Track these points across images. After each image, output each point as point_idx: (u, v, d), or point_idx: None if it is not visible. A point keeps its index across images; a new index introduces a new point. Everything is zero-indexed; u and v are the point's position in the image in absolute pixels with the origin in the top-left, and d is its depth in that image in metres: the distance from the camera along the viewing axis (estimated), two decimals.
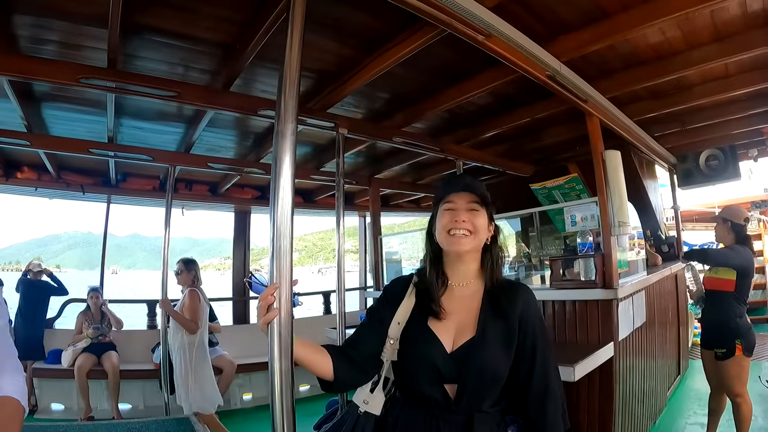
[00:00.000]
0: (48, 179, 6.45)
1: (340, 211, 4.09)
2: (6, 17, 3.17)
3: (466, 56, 3.60)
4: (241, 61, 3.49)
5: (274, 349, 1.53)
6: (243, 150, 5.84)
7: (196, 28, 3.29)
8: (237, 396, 6.57)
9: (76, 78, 3.44)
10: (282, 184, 1.57)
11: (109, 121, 4.60)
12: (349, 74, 3.80)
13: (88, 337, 6.12)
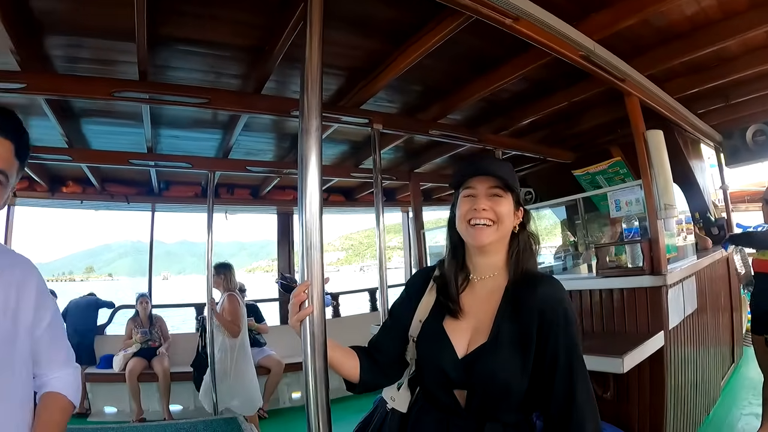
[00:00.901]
0: (92, 192, 6.67)
1: (379, 208, 4.09)
2: (38, 39, 3.28)
3: (496, 42, 3.52)
4: (270, 64, 3.50)
5: (307, 348, 1.53)
6: (281, 152, 5.88)
7: (221, 34, 3.34)
8: (285, 395, 6.65)
9: (109, 92, 3.54)
10: (309, 182, 1.54)
11: (146, 132, 4.70)
12: (379, 69, 3.75)
13: (137, 342, 6.28)
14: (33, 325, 1.43)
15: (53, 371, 1.53)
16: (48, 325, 1.49)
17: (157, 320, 6.77)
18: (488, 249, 1.60)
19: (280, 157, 5.99)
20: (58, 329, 1.58)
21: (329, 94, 4.20)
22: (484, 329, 1.53)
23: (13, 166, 1.31)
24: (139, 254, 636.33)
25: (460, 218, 1.61)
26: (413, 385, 1.71)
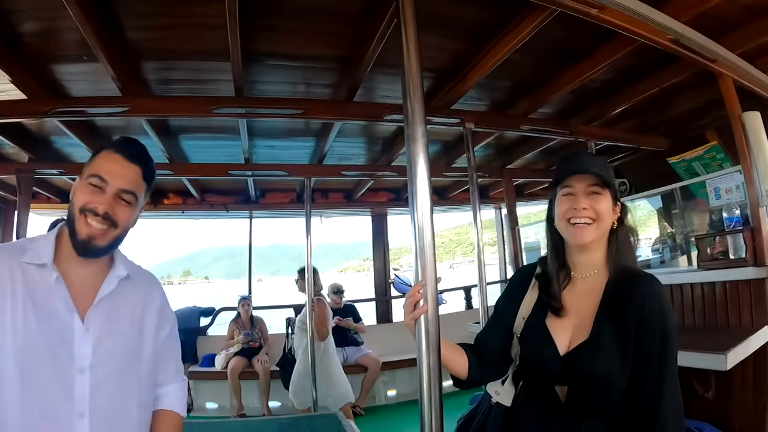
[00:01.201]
0: (192, 202, 7.17)
1: (475, 205, 4.10)
2: (135, 65, 3.60)
3: (582, 33, 3.45)
4: (361, 71, 3.59)
5: (422, 346, 1.57)
6: (373, 155, 6.00)
7: (311, 47, 3.50)
8: (382, 392, 6.78)
9: (209, 109, 3.80)
10: (419, 185, 1.62)
11: (243, 144, 4.96)
12: (468, 68, 3.77)
13: (239, 342, 6.59)
14: (155, 334, 1.60)
15: (165, 384, 1.68)
16: (166, 337, 1.67)
17: (258, 321, 7.09)
18: (588, 247, 1.62)
19: (371, 160, 6.11)
20: (174, 341, 1.74)
21: None
22: (585, 327, 1.55)
23: (142, 188, 1.51)
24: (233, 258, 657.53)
25: (559, 217, 1.63)
26: (517, 380, 1.73)
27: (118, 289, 1.50)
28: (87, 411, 1.35)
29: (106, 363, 1.41)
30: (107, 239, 1.44)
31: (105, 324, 1.44)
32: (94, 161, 1.50)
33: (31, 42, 3.36)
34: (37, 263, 1.40)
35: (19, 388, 1.30)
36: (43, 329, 1.34)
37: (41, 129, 5.03)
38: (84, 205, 1.41)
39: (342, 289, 7.01)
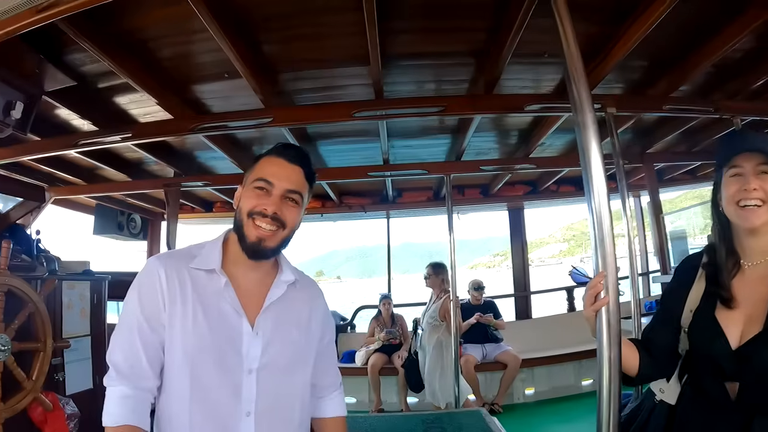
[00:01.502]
0: (331, 205, 7.48)
1: (624, 193, 3.94)
2: (275, 77, 3.79)
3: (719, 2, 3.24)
4: (499, 64, 3.54)
5: (602, 338, 1.53)
6: (507, 148, 5.88)
7: (446, 44, 3.49)
8: (520, 390, 6.62)
9: (350, 114, 3.92)
10: (594, 173, 1.57)
11: (383, 145, 5.07)
12: (606, 50, 3.59)
13: (380, 340, 6.71)
14: (319, 340, 1.66)
15: (328, 390, 1.77)
16: (328, 342, 1.74)
17: (399, 319, 7.16)
18: (760, 230, 1.48)
19: (506, 153, 5.99)
20: (333, 347, 1.82)
21: (555, 85, 4.15)
22: (758, 318, 1.42)
23: (305, 188, 1.56)
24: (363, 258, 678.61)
25: (727, 200, 1.51)
26: (682, 376, 1.66)
27: (285, 294, 1.57)
28: (253, 410, 1.42)
29: (273, 365, 1.48)
30: (276, 240, 1.49)
31: (273, 328, 1.51)
32: (257, 167, 1.55)
33: (172, 66, 3.66)
34: (205, 269, 1.48)
35: (188, 388, 1.38)
36: (213, 333, 1.42)
37: (184, 145, 5.45)
38: (252, 209, 1.47)
39: (482, 286, 6.97)
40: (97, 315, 3.99)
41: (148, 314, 1.42)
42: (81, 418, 3.32)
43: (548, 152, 5.98)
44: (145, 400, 1.39)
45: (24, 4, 2.41)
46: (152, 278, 1.44)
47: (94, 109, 4.32)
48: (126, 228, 7.78)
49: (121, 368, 1.39)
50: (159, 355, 1.42)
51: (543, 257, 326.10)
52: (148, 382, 1.40)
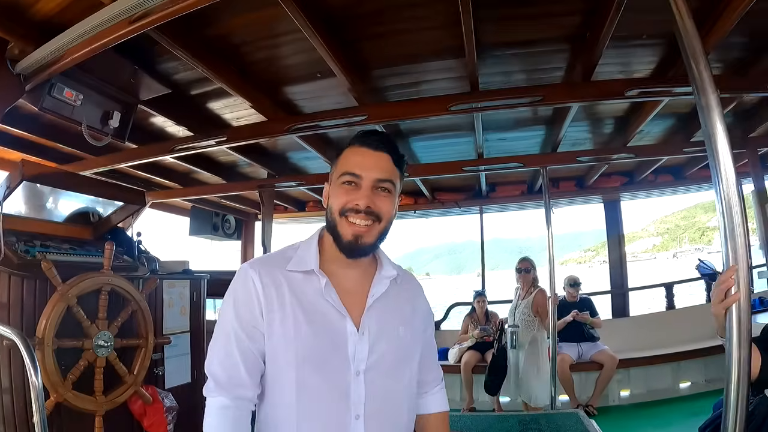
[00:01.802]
0: (424, 201, 7.42)
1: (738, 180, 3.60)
2: (368, 74, 3.78)
3: None
4: (596, 48, 3.36)
5: (732, 337, 1.43)
6: (602, 137, 5.64)
7: (540, 31, 3.37)
8: (615, 392, 6.32)
9: (446, 107, 3.85)
10: (722, 161, 1.44)
11: (478, 139, 4.96)
12: (704, 29, 3.26)
13: (473, 337, 6.59)
14: (422, 335, 1.59)
15: (430, 386, 1.68)
16: (429, 336, 1.66)
17: (493, 316, 7.00)
18: None
19: (601, 143, 5.74)
20: (434, 341, 1.74)
21: (652, 68, 3.90)
22: None
23: (396, 174, 1.45)
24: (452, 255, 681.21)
25: None
26: None
27: (387, 290, 1.49)
28: (362, 413, 1.36)
29: (381, 365, 1.41)
30: (373, 235, 1.41)
31: (378, 326, 1.43)
32: (341, 161, 1.46)
33: (264, 69, 3.72)
34: (303, 270, 1.42)
35: (294, 396, 1.34)
36: (317, 337, 1.36)
37: (276, 147, 5.58)
38: (343, 206, 1.39)
39: (579, 282, 6.70)
40: (196, 312, 4.09)
41: (244, 323, 1.38)
42: (179, 411, 3.41)
43: (646, 140, 5.69)
44: (245, 409, 1.36)
45: (117, 15, 2.50)
46: (247, 286, 1.40)
47: (189, 116, 4.49)
48: (221, 228, 8.06)
49: (220, 379, 1.36)
50: (258, 363, 1.38)
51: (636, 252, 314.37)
52: (247, 391, 1.36)
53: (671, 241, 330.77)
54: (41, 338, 2.64)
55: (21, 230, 3.19)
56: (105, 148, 4.32)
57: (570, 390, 5.92)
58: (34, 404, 2.02)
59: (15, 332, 2.21)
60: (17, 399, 2.69)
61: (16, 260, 2.78)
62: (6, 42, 3.07)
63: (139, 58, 3.44)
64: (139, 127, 4.51)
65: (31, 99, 3.31)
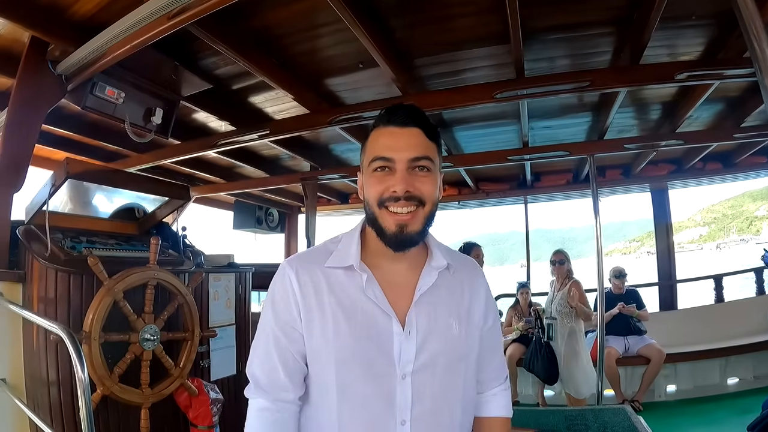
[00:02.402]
0: (468, 192, 7.35)
1: None
2: (410, 63, 3.74)
3: None
4: (645, 31, 3.23)
5: None
6: (649, 124, 5.46)
7: (586, 14, 3.24)
8: (661, 388, 6.17)
9: (491, 95, 3.76)
10: None
11: (523, 127, 4.86)
12: (765, 8, 3.16)
13: (518, 330, 6.48)
14: (481, 329, 1.43)
15: (490, 384, 1.52)
16: (490, 329, 1.48)
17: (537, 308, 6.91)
18: None
19: (648, 129, 5.56)
20: (497, 335, 1.56)
21: (701, 50, 3.75)
22: None
23: (432, 148, 1.31)
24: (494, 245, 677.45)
25: None
26: None
27: (438, 281, 1.35)
28: (408, 418, 1.26)
29: (430, 367, 1.29)
30: (418, 222, 1.28)
31: (427, 323, 1.31)
32: (368, 147, 1.34)
33: (306, 61, 3.71)
34: (343, 266, 1.33)
35: (335, 400, 1.26)
36: (359, 338, 1.27)
37: (319, 139, 5.58)
38: (380, 196, 1.27)
39: (624, 273, 6.55)
40: (241, 305, 4.13)
41: (282, 324, 1.32)
42: (224, 403, 3.45)
43: (695, 126, 5.49)
44: (285, 411, 1.31)
45: (156, 12, 2.51)
46: (284, 286, 1.33)
47: (231, 110, 4.51)
48: (264, 222, 8.15)
49: (260, 380, 1.32)
50: (298, 365, 1.32)
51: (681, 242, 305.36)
52: (287, 394, 1.30)
53: (718, 231, 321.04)
54: (88, 332, 2.69)
55: (67, 227, 3.27)
56: (148, 145, 4.39)
57: (616, 385, 5.79)
58: (80, 397, 2.04)
59: (61, 327, 2.24)
60: (64, 392, 2.77)
61: (62, 257, 2.84)
62: (46, 44, 3.15)
63: (180, 54, 3.47)
64: (181, 122, 4.56)
65: (74, 99, 3.38)
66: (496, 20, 3.12)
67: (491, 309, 1.49)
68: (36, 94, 3.20)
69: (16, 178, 3.11)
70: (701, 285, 8.08)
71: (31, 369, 2.82)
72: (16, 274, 2.91)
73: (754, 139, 5.43)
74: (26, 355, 2.85)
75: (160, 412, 3.17)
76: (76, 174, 2.97)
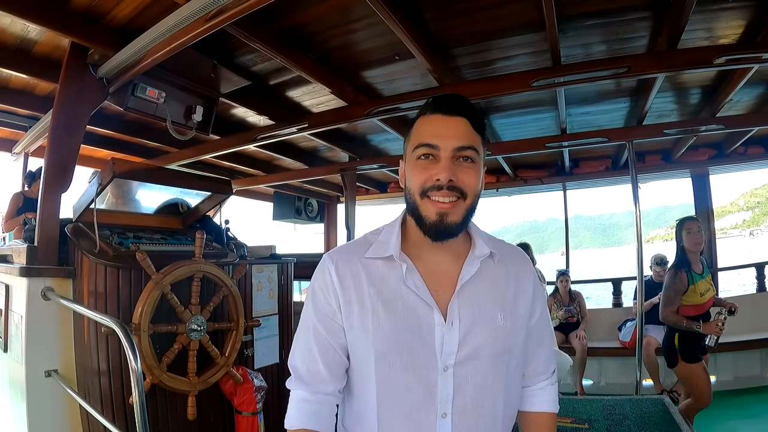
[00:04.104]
0: (506, 179, 7.36)
1: None
2: (446, 54, 3.75)
3: None
4: (682, 14, 3.17)
5: None
6: (688, 108, 5.33)
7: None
8: None
9: (528, 83, 3.75)
10: None
11: (561, 114, 4.83)
12: None
13: (557, 318, 6.46)
14: (528, 319, 1.38)
15: (537, 378, 1.47)
16: (538, 322, 1.43)
17: (577, 296, 6.87)
18: None
19: (687, 114, 5.44)
20: (546, 326, 1.51)
21: (739, 33, 3.65)
22: None
23: (477, 140, 1.28)
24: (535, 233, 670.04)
25: None
26: None
27: (481, 272, 1.31)
28: (450, 411, 1.23)
29: (473, 359, 1.25)
30: (459, 213, 1.24)
31: (470, 314, 1.27)
32: (413, 134, 1.31)
33: (343, 55, 3.75)
34: (383, 257, 1.31)
35: (375, 392, 1.26)
36: (399, 330, 1.24)
37: (356, 130, 5.64)
38: (423, 185, 1.24)
39: (666, 260, 6.40)
40: (284, 295, 4.21)
41: (322, 316, 1.32)
42: (267, 391, 3.54)
43: (735, 110, 5.33)
44: (326, 403, 1.32)
45: (194, 14, 2.58)
46: (324, 278, 1.33)
47: (269, 105, 4.60)
48: (303, 212, 8.27)
49: (300, 372, 1.34)
50: (339, 358, 1.32)
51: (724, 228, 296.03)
52: (327, 386, 1.31)
53: (763, 216, 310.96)
54: (137, 324, 2.79)
55: (114, 223, 3.37)
56: (189, 141, 4.50)
57: (655, 375, 5.75)
58: (134, 386, 2.13)
59: (114, 321, 2.33)
60: (114, 381, 2.89)
61: (111, 252, 2.94)
62: (86, 49, 3.28)
63: (218, 53, 3.56)
64: (221, 118, 4.66)
65: (116, 100, 3.51)
66: (530, 8, 3.10)
67: (539, 300, 1.44)
68: (79, 97, 3.32)
69: (64, 179, 3.23)
70: (741, 273, 7.96)
71: (81, 360, 2.94)
72: (66, 270, 3.01)
73: None
74: (77, 347, 2.97)
75: (207, 399, 3.28)
76: (122, 173, 3.05)
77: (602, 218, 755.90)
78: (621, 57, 3.70)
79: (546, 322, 1.49)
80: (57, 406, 2.88)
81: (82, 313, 2.79)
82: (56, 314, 2.93)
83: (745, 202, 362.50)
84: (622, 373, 6.14)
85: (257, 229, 13.07)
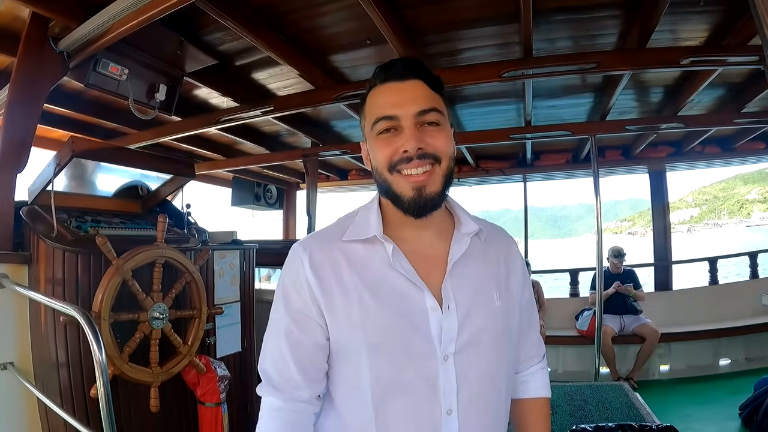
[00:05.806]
0: (468, 169, 7.42)
1: None
2: (419, 41, 3.72)
3: None
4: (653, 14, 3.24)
5: None
6: (650, 106, 5.46)
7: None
8: (655, 366, 6.28)
9: (499, 74, 3.76)
10: None
11: (527, 106, 4.87)
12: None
13: None
14: (519, 300, 1.30)
15: (529, 362, 1.40)
16: (527, 301, 1.35)
17: (535, 285, 6.93)
18: None
19: (649, 112, 5.58)
20: (533, 307, 1.40)
21: (705, 36, 3.76)
22: None
23: (438, 100, 1.18)
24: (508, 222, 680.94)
25: None
26: None
27: (471, 250, 1.22)
28: (455, 406, 1.12)
29: (474, 344, 1.15)
30: (437, 181, 1.14)
31: (466, 296, 1.17)
32: (368, 110, 1.21)
33: (313, 38, 3.68)
34: (362, 239, 1.18)
35: (369, 392, 1.12)
36: (389, 318, 1.12)
37: (320, 115, 5.56)
38: (390, 160, 1.14)
39: (623, 253, 6.65)
40: (246, 282, 4.12)
41: (294, 313, 1.18)
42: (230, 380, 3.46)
43: (696, 110, 5.51)
44: (301, 412, 1.17)
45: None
46: (296, 269, 1.19)
47: (234, 86, 4.47)
48: (263, 198, 8.16)
49: (271, 377, 1.18)
50: (313, 358, 1.17)
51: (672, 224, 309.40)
52: (302, 392, 1.16)
53: (709, 213, 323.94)
54: (98, 312, 2.67)
55: (71, 206, 3.22)
56: (148, 122, 4.36)
57: (611, 362, 5.89)
58: (98, 378, 2.04)
59: (75, 308, 2.22)
60: (74, 373, 2.75)
61: (69, 237, 2.79)
62: (48, 20, 3.08)
63: (185, 29, 3.42)
64: (184, 99, 4.51)
65: (76, 76, 3.34)
66: None
67: (527, 280, 1.36)
68: (37, 72, 3.13)
69: (19, 158, 3.07)
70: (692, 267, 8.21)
71: (39, 351, 2.80)
72: (21, 255, 2.86)
73: (754, 125, 5.51)
74: (34, 338, 2.83)
75: (169, 390, 3.17)
76: (82, 152, 2.90)
77: (554, 210, 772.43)
78: (591, 53, 3.76)
79: (534, 303, 1.41)
80: (13, 401, 2.74)
81: (39, 301, 2.65)
82: (11, 303, 2.79)
83: (694, 199, 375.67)
84: (580, 361, 6.27)
85: (215, 215, 12.89)
